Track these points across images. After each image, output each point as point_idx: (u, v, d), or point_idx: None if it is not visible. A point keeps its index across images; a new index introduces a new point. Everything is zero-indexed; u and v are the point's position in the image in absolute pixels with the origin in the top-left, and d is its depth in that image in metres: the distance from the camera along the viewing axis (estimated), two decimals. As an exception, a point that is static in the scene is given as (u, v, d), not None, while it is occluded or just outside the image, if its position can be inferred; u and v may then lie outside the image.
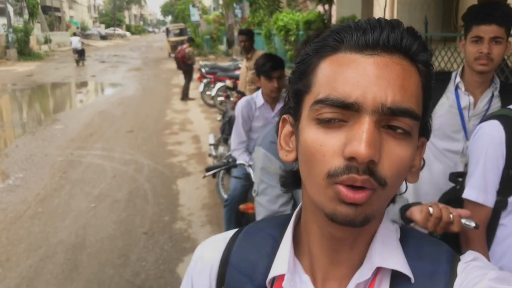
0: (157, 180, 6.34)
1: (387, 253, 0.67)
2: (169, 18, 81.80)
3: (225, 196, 5.08)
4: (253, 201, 3.09)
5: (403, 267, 0.66)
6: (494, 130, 1.57)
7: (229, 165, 3.21)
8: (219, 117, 8.13)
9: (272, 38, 14.96)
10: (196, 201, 5.53)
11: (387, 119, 0.59)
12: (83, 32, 57.37)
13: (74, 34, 27.03)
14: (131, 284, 3.75)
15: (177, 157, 7.45)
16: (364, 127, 0.57)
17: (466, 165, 1.96)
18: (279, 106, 3.50)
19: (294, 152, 0.69)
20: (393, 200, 0.69)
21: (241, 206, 3.09)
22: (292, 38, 12.21)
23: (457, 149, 2.12)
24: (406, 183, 0.69)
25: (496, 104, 2.05)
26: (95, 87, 17.47)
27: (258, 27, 16.69)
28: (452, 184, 1.91)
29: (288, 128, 0.72)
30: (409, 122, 0.59)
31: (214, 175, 5.16)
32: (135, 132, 9.26)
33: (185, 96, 12.89)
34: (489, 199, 1.57)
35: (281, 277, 0.70)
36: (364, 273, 0.67)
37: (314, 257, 0.71)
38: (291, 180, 0.75)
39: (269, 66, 3.19)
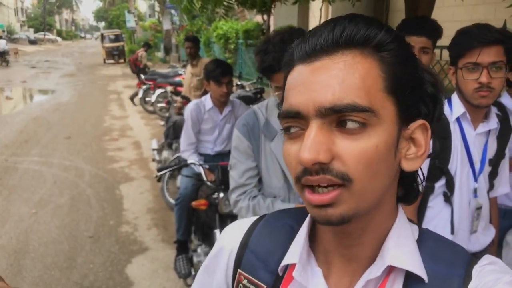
0: (99, 185, 6.29)
1: (401, 253, 0.66)
2: (102, 24, 79.67)
3: (171, 200, 5.18)
4: (204, 198, 3.24)
5: (417, 268, 0.65)
6: None
7: (180, 165, 3.33)
8: (161, 122, 8.16)
9: (211, 46, 15.12)
10: (140, 205, 5.56)
11: (335, 118, 0.59)
12: (10, 36, 54.67)
13: (0, 37, 26.05)
14: (79, 286, 3.76)
15: (118, 163, 7.40)
16: (309, 133, 0.59)
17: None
18: (227, 109, 3.67)
19: None
20: (410, 190, 0.72)
21: (194, 203, 3.22)
22: (232, 47, 12.43)
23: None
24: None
25: None
26: (27, 93, 16.77)
27: (196, 35, 16.79)
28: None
29: None
30: (358, 115, 0.58)
31: (159, 180, 5.23)
32: (73, 138, 9.06)
33: (132, 98, 12.67)
34: None
35: (293, 266, 0.72)
36: (375, 270, 0.66)
37: (329, 253, 0.73)
38: None
39: (219, 72, 3.35)
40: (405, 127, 0.65)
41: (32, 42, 57.34)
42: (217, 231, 3.09)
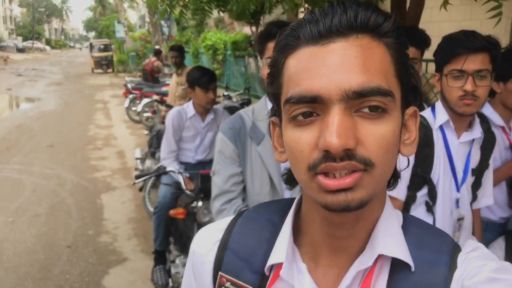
0: (80, 194, 6.15)
1: (389, 241, 0.65)
2: (92, 34, 79.49)
3: (152, 210, 5.07)
4: (183, 207, 3.16)
5: (405, 255, 0.65)
6: None
7: (159, 172, 3.24)
8: (146, 132, 8.05)
9: (199, 57, 15.07)
10: (121, 215, 5.44)
11: (358, 102, 0.57)
12: (-2, 44, 54.36)
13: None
14: (53, 297, 3.63)
15: (101, 172, 7.27)
16: (333, 118, 0.56)
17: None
18: (210, 117, 3.60)
19: (286, 153, 0.67)
20: (396, 178, 0.70)
21: (171, 212, 3.13)
22: (220, 58, 12.38)
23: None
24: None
25: None
26: (11, 100, 16.56)
27: (185, 46, 16.76)
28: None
29: (278, 130, 0.71)
30: (381, 99, 0.58)
31: (140, 189, 5.12)
32: (56, 146, 8.91)
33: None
34: (400, 193, 1.75)
35: (279, 265, 0.69)
36: (365, 260, 0.65)
37: (317, 245, 0.70)
38: (293, 177, 0.72)
39: (206, 79, 3.32)
40: (403, 113, 0.65)
41: (20, 50, 57.04)
42: (195, 242, 2.99)
